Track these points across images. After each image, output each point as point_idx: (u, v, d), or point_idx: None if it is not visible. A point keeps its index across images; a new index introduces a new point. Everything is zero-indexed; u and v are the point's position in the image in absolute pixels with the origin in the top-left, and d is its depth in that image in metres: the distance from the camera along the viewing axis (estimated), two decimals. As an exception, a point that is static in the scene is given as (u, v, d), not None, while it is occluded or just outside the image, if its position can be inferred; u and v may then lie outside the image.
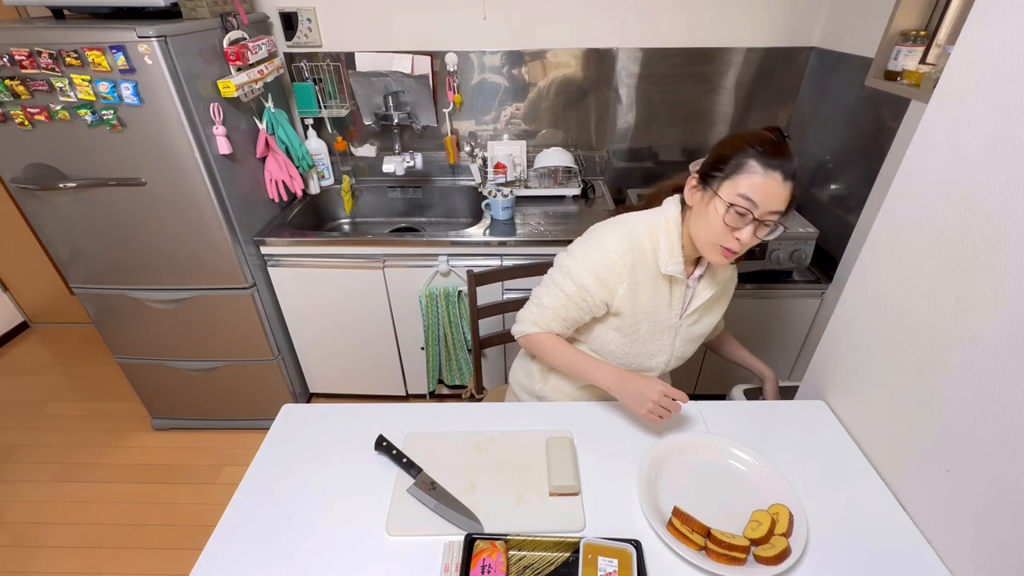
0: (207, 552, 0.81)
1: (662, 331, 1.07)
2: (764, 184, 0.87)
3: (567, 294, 1.03)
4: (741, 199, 0.88)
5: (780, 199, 0.88)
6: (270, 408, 1.14)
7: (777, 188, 0.87)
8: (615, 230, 1.02)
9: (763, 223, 0.89)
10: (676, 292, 1.04)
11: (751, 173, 0.87)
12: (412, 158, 2.04)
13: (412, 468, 0.91)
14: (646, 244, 1.00)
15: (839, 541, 0.82)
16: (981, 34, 0.74)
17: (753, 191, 0.87)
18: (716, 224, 0.91)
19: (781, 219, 0.91)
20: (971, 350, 0.74)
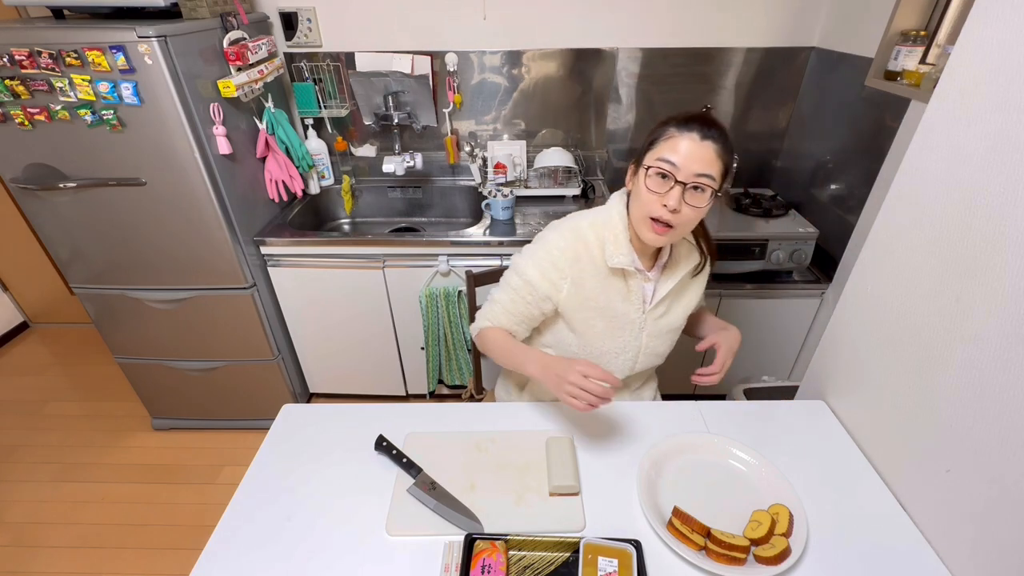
0: (207, 552, 0.81)
1: (622, 327, 1.06)
2: (681, 144, 0.88)
3: (514, 288, 1.06)
4: (661, 162, 0.89)
5: (701, 159, 0.88)
6: (270, 408, 1.14)
7: (695, 147, 0.88)
8: (560, 227, 1.05)
9: (691, 186, 0.89)
10: (633, 286, 1.03)
11: (669, 137, 0.90)
12: (412, 158, 2.04)
13: (412, 468, 0.91)
14: (591, 239, 1.02)
15: (839, 541, 0.82)
16: (981, 34, 0.74)
17: (671, 153, 0.89)
18: (644, 194, 0.92)
19: (711, 182, 0.89)
20: (971, 350, 0.74)
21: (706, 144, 0.88)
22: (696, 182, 0.88)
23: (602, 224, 1.02)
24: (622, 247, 0.99)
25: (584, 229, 1.02)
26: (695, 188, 0.89)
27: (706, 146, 0.88)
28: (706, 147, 0.88)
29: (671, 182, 0.89)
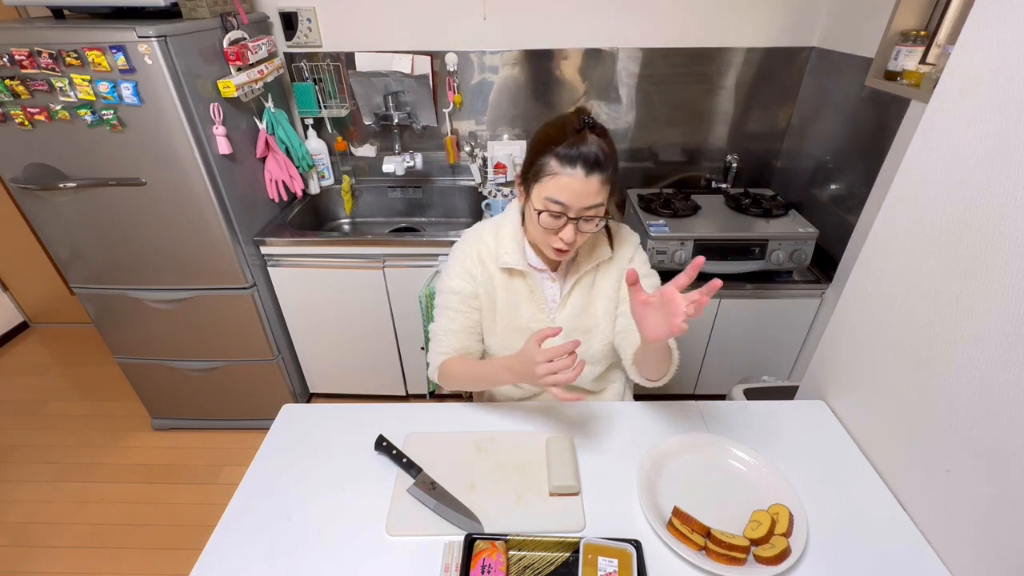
0: (207, 552, 0.81)
1: (526, 329, 1.05)
2: (568, 183, 0.85)
3: (446, 307, 1.06)
4: (550, 203, 0.87)
5: (589, 193, 0.86)
6: (270, 408, 1.14)
7: (581, 185, 0.85)
8: (465, 235, 1.08)
9: (583, 219, 0.88)
10: (534, 286, 1.03)
11: (553, 175, 0.86)
12: (412, 158, 2.04)
13: (412, 468, 0.91)
14: (490, 241, 1.04)
15: (839, 541, 0.82)
16: (981, 34, 0.74)
17: (559, 193, 0.86)
18: (537, 227, 0.91)
19: (601, 209, 0.88)
20: (971, 350, 0.74)
21: (592, 178, 0.85)
22: (587, 215, 0.88)
23: (499, 227, 1.04)
24: (509, 247, 1.01)
25: (485, 232, 1.05)
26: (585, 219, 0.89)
27: (592, 180, 0.85)
28: (592, 181, 0.85)
29: (563, 219, 0.88)
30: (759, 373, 1.94)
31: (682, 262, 1.73)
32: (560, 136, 0.86)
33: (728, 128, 2.04)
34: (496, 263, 1.03)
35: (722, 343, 1.91)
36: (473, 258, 1.04)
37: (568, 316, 1.05)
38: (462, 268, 1.05)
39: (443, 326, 1.07)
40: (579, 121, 0.86)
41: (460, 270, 1.05)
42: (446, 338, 1.06)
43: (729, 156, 2.08)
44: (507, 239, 1.02)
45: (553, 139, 0.86)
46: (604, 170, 0.85)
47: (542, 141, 0.88)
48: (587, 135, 0.85)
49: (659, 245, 1.72)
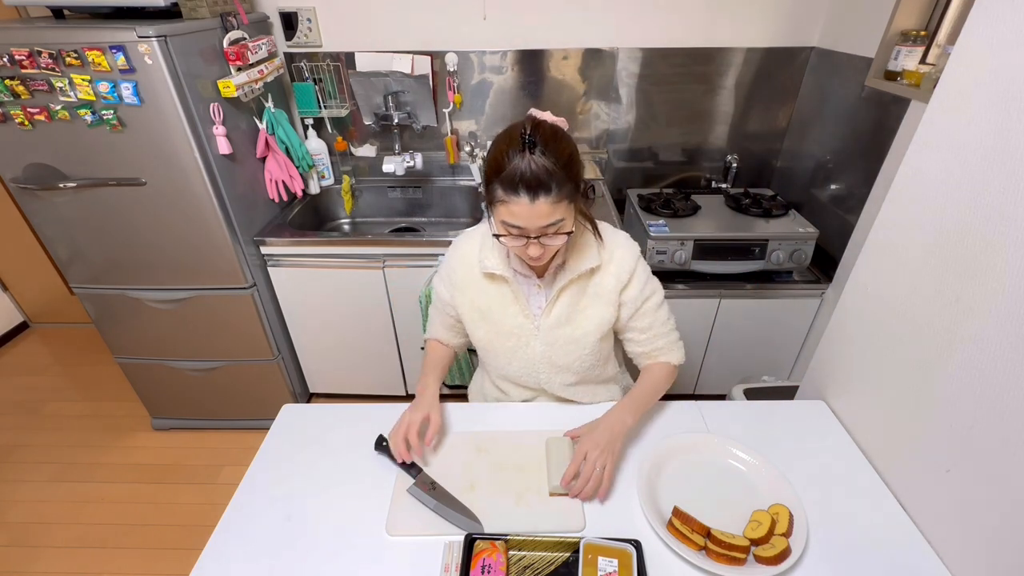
0: (207, 552, 0.81)
1: (508, 333, 1.04)
2: (517, 211, 0.83)
3: (433, 303, 1.16)
4: (506, 227, 0.86)
5: (540, 215, 0.82)
6: (270, 408, 1.14)
7: (529, 211, 0.82)
8: (458, 237, 1.10)
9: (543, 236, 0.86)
10: (517, 291, 1.01)
11: (502, 202, 0.84)
12: (412, 158, 2.04)
13: (412, 468, 0.91)
14: (476, 244, 1.04)
15: (839, 541, 0.82)
16: (981, 34, 0.74)
17: (511, 218, 0.84)
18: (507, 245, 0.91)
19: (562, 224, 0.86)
20: (971, 350, 0.74)
21: (538, 203, 0.81)
22: (546, 232, 0.86)
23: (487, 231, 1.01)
24: (491, 252, 1.01)
25: (474, 236, 1.06)
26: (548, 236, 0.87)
27: (539, 204, 0.81)
28: (539, 204, 0.81)
29: (523, 239, 0.87)
30: (759, 373, 1.94)
31: (682, 262, 1.73)
32: (502, 160, 0.82)
33: (728, 128, 2.04)
34: (475, 267, 1.02)
35: (722, 343, 1.91)
36: (453, 265, 1.06)
37: (553, 324, 1.02)
38: (446, 272, 1.08)
39: (432, 316, 1.18)
40: (520, 139, 0.82)
41: (445, 273, 1.09)
42: (434, 326, 1.17)
43: (729, 156, 2.08)
44: (490, 244, 1.00)
45: (497, 164, 0.83)
46: (551, 191, 0.81)
47: (490, 165, 0.86)
48: (526, 156, 0.80)
49: (659, 245, 1.72)
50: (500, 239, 0.89)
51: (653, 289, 1.04)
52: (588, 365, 1.06)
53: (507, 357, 1.07)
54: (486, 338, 1.07)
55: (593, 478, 0.86)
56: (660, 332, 1.05)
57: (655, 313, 1.04)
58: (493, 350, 1.08)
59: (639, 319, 1.04)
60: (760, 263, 1.75)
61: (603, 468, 0.87)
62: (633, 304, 1.02)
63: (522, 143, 0.81)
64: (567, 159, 0.84)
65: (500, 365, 1.10)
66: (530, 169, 0.80)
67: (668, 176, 2.16)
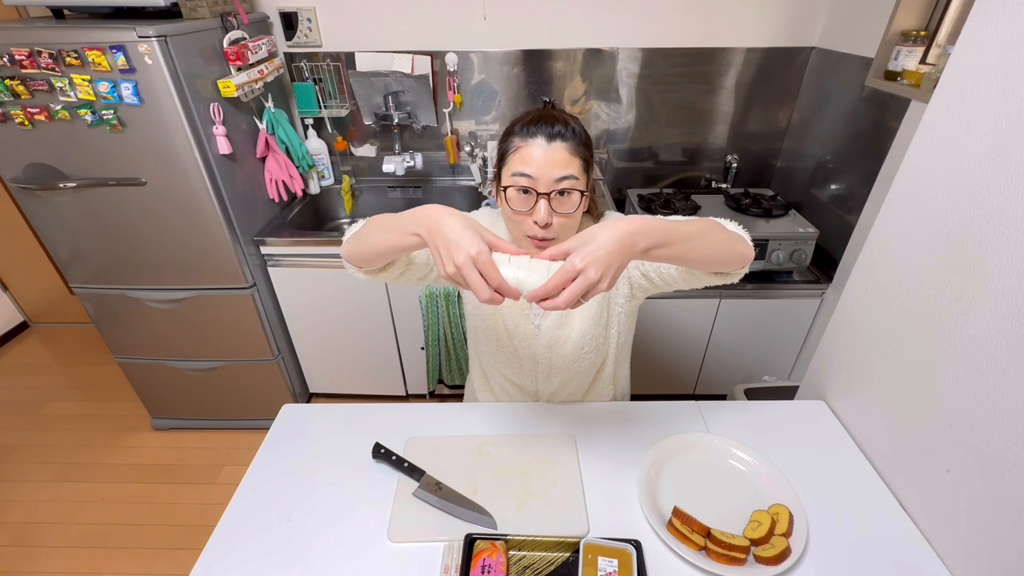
0: (207, 552, 0.81)
1: (513, 331, 1.02)
2: (530, 153, 0.81)
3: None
4: (516, 177, 0.83)
5: (555, 162, 0.81)
6: (270, 408, 1.14)
7: (544, 152, 0.81)
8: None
9: (555, 194, 0.82)
10: None
11: (515, 149, 0.84)
12: (412, 158, 2.04)
13: (415, 472, 0.91)
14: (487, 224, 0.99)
15: (839, 541, 0.82)
16: (981, 34, 0.74)
17: (523, 164, 0.82)
18: (512, 215, 0.86)
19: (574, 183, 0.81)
20: (971, 350, 0.74)
21: (555, 145, 0.81)
22: (558, 187, 0.82)
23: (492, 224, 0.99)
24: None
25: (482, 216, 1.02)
26: (560, 194, 0.82)
27: (556, 147, 0.81)
28: (556, 148, 0.81)
29: (533, 196, 0.82)
30: (759, 373, 1.94)
31: (682, 262, 1.73)
32: (521, 118, 0.87)
33: (728, 128, 2.04)
34: None
35: (722, 343, 1.91)
36: None
37: (552, 325, 1.00)
38: None
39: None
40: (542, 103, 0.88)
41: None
42: None
43: (729, 156, 2.08)
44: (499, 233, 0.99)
45: (516, 120, 0.87)
46: (568, 139, 0.82)
47: (508, 127, 0.89)
48: (548, 111, 0.85)
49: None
50: (508, 200, 0.84)
51: None
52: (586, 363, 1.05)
53: (510, 353, 1.06)
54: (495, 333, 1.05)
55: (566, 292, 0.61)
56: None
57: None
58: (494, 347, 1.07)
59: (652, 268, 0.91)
60: (760, 263, 1.75)
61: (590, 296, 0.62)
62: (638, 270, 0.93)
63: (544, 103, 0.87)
64: (583, 130, 0.86)
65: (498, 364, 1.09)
66: (550, 114, 0.83)
67: (668, 176, 2.16)
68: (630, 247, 0.63)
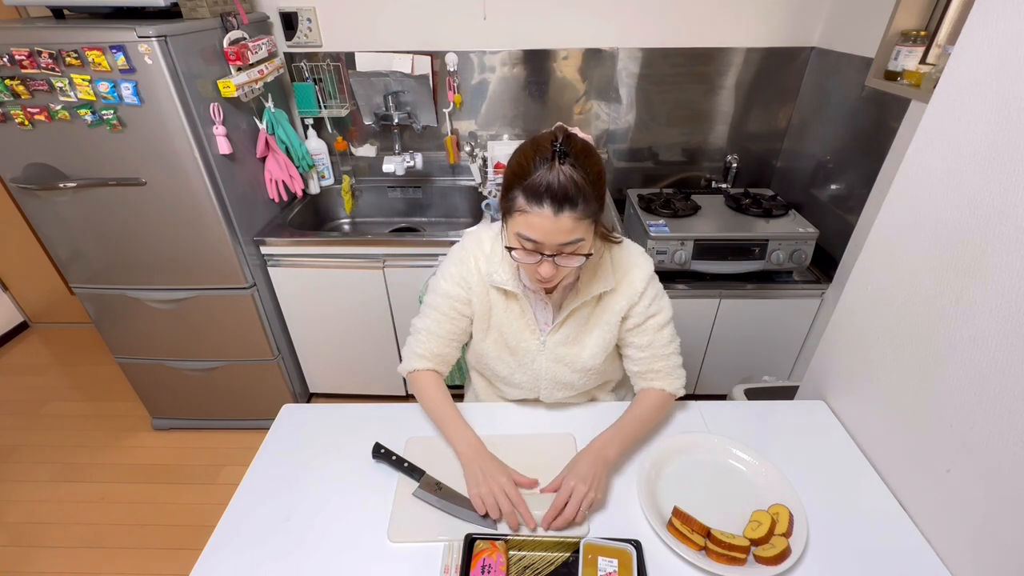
0: (207, 552, 0.81)
1: (516, 348, 1.01)
2: (537, 223, 0.77)
3: (434, 307, 1.02)
4: (521, 239, 0.80)
5: (561, 231, 0.77)
6: (270, 408, 1.14)
7: (550, 224, 0.76)
8: (464, 239, 1.02)
9: (559, 254, 0.81)
10: (524, 306, 0.97)
11: (521, 212, 0.78)
12: (412, 158, 2.04)
13: (415, 472, 0.91)
14: (488, 251, 0.98)
15: (839, 541, 0.82)
16: (981, 34, 0.74)
17: (529, 230, 0.78)
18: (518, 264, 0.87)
19: (580, 245, 0.80)
20: (971, 350, 0.74)
21: (563, 216, 0.76)
22: (564, 251, 0.81)
23: (496, 241, 0.97)
24: (499, 266, 0.95)
25: (484, 241, 0.99)
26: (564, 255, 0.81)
27: (563, 219, 0.76)
28: (563, 219, 0.76)
29: (537, 255, 0.81)
30: (759, 373, 1.94)
31: (682, 262, 1.73)
32: (528, 167, 0.77)
33: (728, 128, 2.04)
34: (488, 278, 0.97)
35: (722, 343, 1.91)
36: (471, 267, 0.98)
37: (558, 341, 1.00)
38: (458, 273, 0.99)
39: (428, 327, 1.03)
40: (550, 148, 0.77)
41: (456, 274, 0.99)
42: (427, 341, 1.03)
43: (729, 156, 2.08)
44: (499, 257, 0.96)
45: (522, 170, 0.78)
46: (577, 205, 0.76)
47: (513, 171, 0.81)
48: (556, 166, 0.75)
49: (659, 245, 1.72)
50: (512, 253, 0.83)
51: (660, 307, 1.00)
52: (592, 382, 1.05)
53: (510, 370, 1.04)
54: (497, 349, 1.03)
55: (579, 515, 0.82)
56: (659, 354, 1.00)
57: (657, 332, 1.00)
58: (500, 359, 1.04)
59: (639, 335, 1.00)
60: (760, 263, 1.75)
61: (588, 505, 0.83)
62: (636, 319, 0.99)
63: (552, 152, 0.76)
64: (596, 176, 0.79)
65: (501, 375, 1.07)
66: (558, 180, 0.75)
67: (668, 176, 2.16)
68: (604, 461, 0.88)
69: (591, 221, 0.80)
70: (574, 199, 0.76)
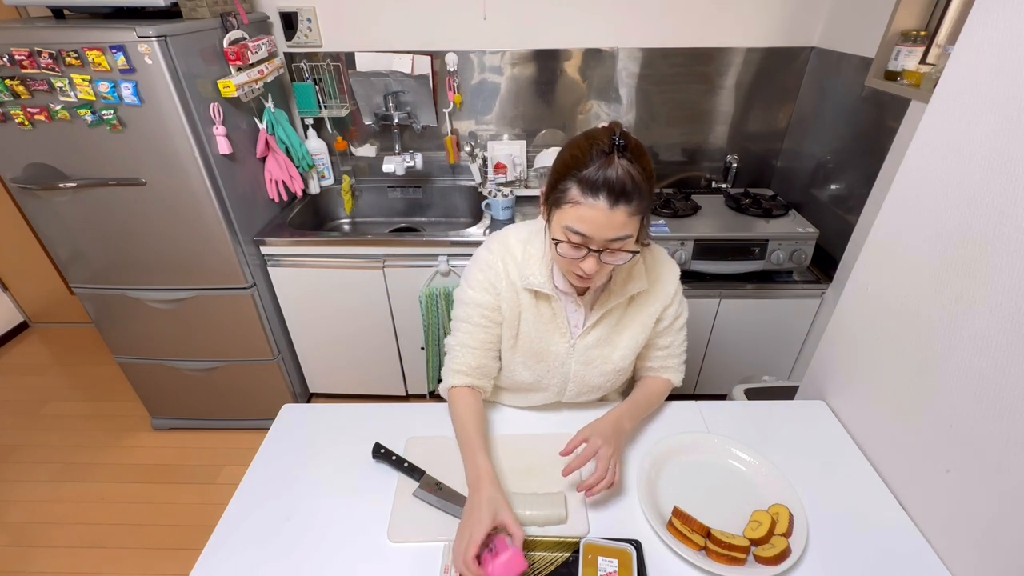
0: (207, 552, 0.81)
1: (545, 350, 0.99)
2: (590, 215, 0.76)
3: (465, 320, 0.99)
4: (569, 232, 0.79)
5: (614, 226, 0.77)
6: (270, 408, 1.14)
7: (604, 217, 0.76)
8: (490, 242, 1.00)
9: (606, 251, 0.80)
10: (556, 309, 0.96)
11: (574, 203, 0.77)
12: (412, 158, 2.04)
13: (415, 472, 0.91)
14: (518, 254, 0.96)
15: (839, 541, 0.82)
16: (981, 34, 0.74)
17: (580, 223, 0.78)
18: (558, 257, 0.85)
19: (628, 242, 0.80)
20: (971, 350, 0.74)
21: (618, 211, 0.76)
22: (611, 247, 0.80)
23: (527, 241, 0.97)
24: (535, 268, 0.94)
25: (512, 244, 0.98)
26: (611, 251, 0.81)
27: (618, 212, 0.76)
28: (617, 214, 0.76)
29: (583, 251, 0.80)
30: (759, 373, 1.94)
31: (682, 262, 1.73)
32: (585, 159, 0.76)
33: (728, 128, 2.04)
34: (522, 281, 0.95)
35: (722, 343, 1.91)
36: (499, 272, 0.96)
37: (589, 344, 0.99)
38: (486, 279, 0.96)
39: (461, 340, 1.00)
40: (608, 142, 0.76)
41: (484, 281, 0.97)
42: (463, 355, 0.99)
43: (729, 156, 2.08)
44: (535, 258, 0.94)
45: (578, 162, 0.77)
46: (632, 200, 0.75)
47: (566, 163, 0.79)
48: (615, 159, 0.75)
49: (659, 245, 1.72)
50: (558, 247, 0.82)
51: (683, 309, 1.05)
52: (609, 383, 1.05)
53: (539, 374, 1.02)
54: (523, 355, 1.01)
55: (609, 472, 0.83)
56: (675, 352, 1.06)
57: (678, 333, 1.05)
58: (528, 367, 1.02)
59: (664, 336, 1.04)
60: (760, 263, 1.75)
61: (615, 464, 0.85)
62: (666, 321, 1.02)
63: (611, 145, 0.76)
64: (649, 174, 0.79)
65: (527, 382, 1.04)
66: (616, 173, 0.74)
67: (668, 176, 2.16)
68: (623, 431, 0.92)
69: (640, 218, 0.80)
70: (630, 194, 0.75)
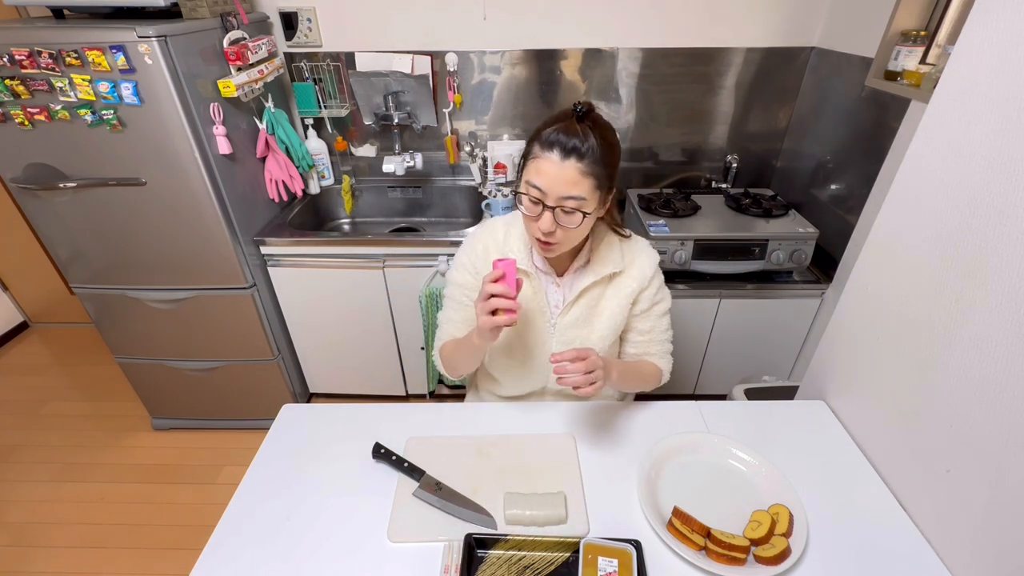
0: (207, 552, 0.81)
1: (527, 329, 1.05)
2: (545, 167, 0.83)
3: (451, 298, 1.09)
4: (529, 187, 0.86)
5: (565, 181, 0.83)
6: (270, 408, 1.14)
7: (556, 169, 0.82)
8: (478, 227, 1.09)
9: (560, 209, 0.85)
10: (536, 287, 1.02)
11: (535, 158, 0.85)
12: (412, 158, 2.04)
13: (415, 472, 0.91)
14: (500, 235, 1.04)
15: (839, 541, 0.82)
16: (981, 34, 0.74)
17: (537, 176, 0.85)
18: (523, 216, 0.92)
19: (579, 203, 0.84)
20: (971, 350, 0.74)
21: (568, 164, 0.82)
22: (563, 205, 0.85)
23: (510, 223, 1.04)
24: (516, 245, 1.01)
25: (497, 226, 1.06)
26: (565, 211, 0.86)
27: (568, 166, 0.82)
28: (568, 167, 0.82)
29: (541, 206, 0.86)
30: (759, 373, 1.94)
31: (682, 262, 1.73)
32: (549, 123, 0.87)
33: (728, 128, 2.04)
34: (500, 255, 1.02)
35: (722, 343, 1.91)
36: (479, 252, 1.04)
37: (569, 324, 1.04)
38: (468, 260, 1.05)
39: (447, 315, 1.10)
40: (571, 109, 0.86)
41: (466, 262, 1.05)
42: (447, 327, 1.09)
43: (729, 156, 2.08)
44: (515, 237, 1.02)
45: (543, 125, 0.87)
46: (583, 158, 0.82)
47: (536, 129, 0.89)
48: (572, 123, 0.84)
49: (659, 245, 1.71)
50: (520, 199, 0.89)
51: (664, 296, 1.08)
52: None
53: (522, 354, 1.07)
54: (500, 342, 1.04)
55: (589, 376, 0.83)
56: (657, 339, 1.09)
57: (659, 319, 1.08)
58: (508, 345, 1.07)
59: (643, 320, 1.07)
60: (760, 263, 1.75)
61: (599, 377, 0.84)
62: (643, 304, 1.05)
63: (573, 111, 0.85)
64: (608, 145, 0.86)
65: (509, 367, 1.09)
66: (567, 131, 0.83)
67: (668, 176, 2.16)
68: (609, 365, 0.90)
69: (595, 184, 0.85)
70: (581, 151, 0.82)
